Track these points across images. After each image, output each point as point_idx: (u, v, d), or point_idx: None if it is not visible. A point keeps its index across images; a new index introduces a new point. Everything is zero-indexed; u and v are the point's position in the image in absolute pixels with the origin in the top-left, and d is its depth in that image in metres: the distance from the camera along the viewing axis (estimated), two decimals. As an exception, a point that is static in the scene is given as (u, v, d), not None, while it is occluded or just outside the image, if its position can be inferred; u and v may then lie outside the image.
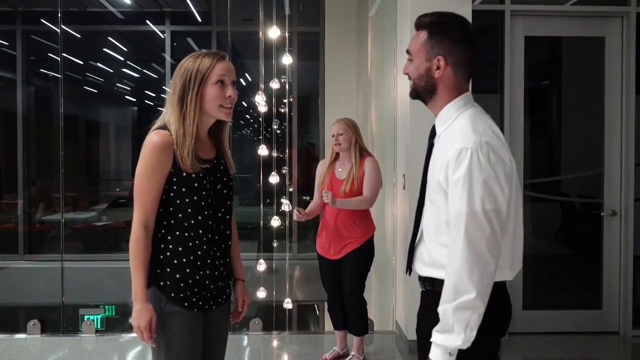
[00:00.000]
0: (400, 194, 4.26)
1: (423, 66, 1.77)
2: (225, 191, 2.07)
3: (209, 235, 1.99)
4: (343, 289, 3.70)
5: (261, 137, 6.07)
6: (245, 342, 4.40)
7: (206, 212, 1.98)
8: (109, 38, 8.76)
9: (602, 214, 4.44)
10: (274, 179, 5.35)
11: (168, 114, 2.01)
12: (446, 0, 3.81)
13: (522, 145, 4.35)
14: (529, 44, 4.38)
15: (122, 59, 9.32)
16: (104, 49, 8.99)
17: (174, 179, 1.95)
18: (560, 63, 4.87)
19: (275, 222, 5.56)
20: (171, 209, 1.97)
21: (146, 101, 10.51)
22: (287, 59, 5.28)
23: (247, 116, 10.24)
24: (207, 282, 1.98)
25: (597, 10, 4.41)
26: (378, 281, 5.40)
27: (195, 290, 1.96)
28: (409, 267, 1.94)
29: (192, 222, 1.97)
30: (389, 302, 4.73)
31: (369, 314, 3.87)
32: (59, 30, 5.49)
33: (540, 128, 4.80)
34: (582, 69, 4.77)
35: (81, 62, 9.00)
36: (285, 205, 5.49)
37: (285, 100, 6.46)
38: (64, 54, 8.49)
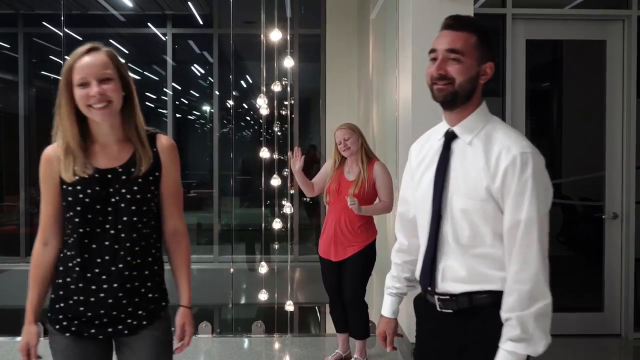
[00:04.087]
0: (402, 197, 4.26)
1: (474, 69, 1.71)
2: (123, 205, 1.81)
3: (86, 256, 1.79)
4: (344, 292, 3.70)
5: (262, 139, 6.08)
6: (248, 345, 4.40)
7: (82, 230, 1.79)
8: (111, 40, 8.76)
9: (603, 216, 4.44)
10: (275, 181, 5.36)
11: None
12: (448, 3, 3.87)
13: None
14: (530, 47, 4.39)
15: (123, 61, 9.32)
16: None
17: (61, 193, 1.83)
18: (561, 66, 4.89)
19: (277, 224, 5.58)
20: (65, 224, 1.85)
21: (147, 103, 10.52)
22: (288, 62, 5.29)
23: (248, 118, 10.24)
24: (81, 308, 1.79)
25: (598, 14, 4.42)
26: (379, 285, 5.40)
27: (69, 315, 1.81)
28: (431, 285, 1.79)
29: (71, 240, 1.81)
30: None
31: (370, 317, 3.88)
32: (61, 34, 5.51)
33: (541, 131, 4.81)
34: (583, 72, 4.78)
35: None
36: (287, 208, 5.51)
37: (287, 103, 6.47)
38: (66, 57, 8.51)
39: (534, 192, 1.58)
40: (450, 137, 1.77)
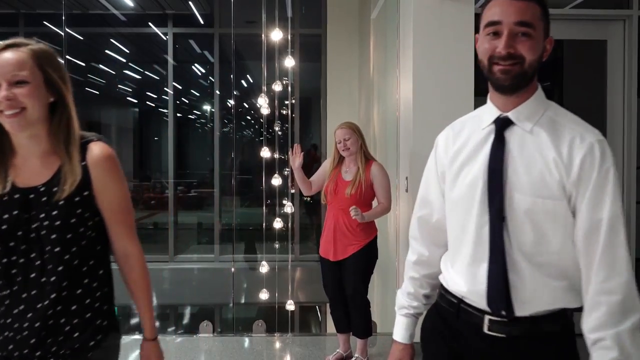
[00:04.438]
0: (403, 196, 4.27)
1: (541, 45, 1.43)
2: (44, 232, 1.52)
3: (15, 289, 1.53)
4: (346, 291, 3.71)
5: (263, 138, 6.08)
6: (248, 344, 4.41)
7: (5, 260, 1.53)
8: (112, 40, 8.79)
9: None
10: (276, 180, 5.37)
11: None
12: (449, 3, 3.87)
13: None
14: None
15: (124, 60, 9.35)
16: (106, 51, 9.02)
17: None
18: (561, 66, 4.89)
19: (278, 223, 5.60)
20: None
21: (148, 102, 10.55)
22: (289, 62, 5.30)
23: (249, 117, 10.26)
24: (9, 346, 1.53)
25: (599, 14, 4.42)
26: (380, 284, 5.41)
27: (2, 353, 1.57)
28: (508, 309, 1.44)
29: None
30: (392, 304, 4.74)
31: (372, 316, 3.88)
32: (63, 33, 5.52)
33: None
34: (584, 72, 4.78)
35: (83, 64, 9.04)
36: (288, 207, 5.51)
37: (287, 102, 6.49)
38: (68, 57, 8.53)
39: (616, 185, 1.35)
40: (503, 124, 1.48)
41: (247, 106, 9.81)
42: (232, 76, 7.17)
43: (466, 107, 3.91)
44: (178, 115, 8.84)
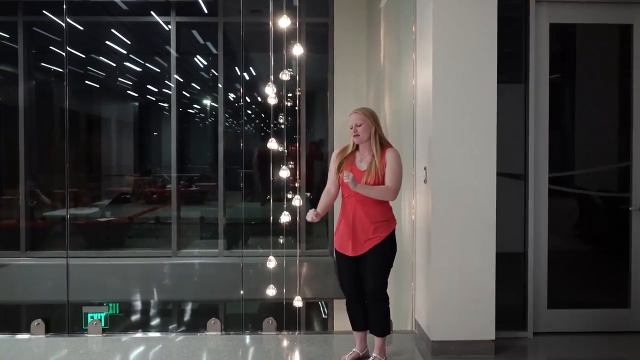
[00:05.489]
0: (421, 187, 4.08)
1: None
2: None
3: None
4: (365, 288, 3.51)
5: (270, 130, 5.91)
6: (257, 342, 4.23)
7: None
8: (112, 30, 8.60)
9: (630, 208, 4.26)
10: (284, 173, 5.17)
11: None
12: (470, -16, 3.70)
13: (546, 137, 4.17)
14: (554, 32, 4.20)
15: (125, 52, 9.18)
16: (107, 42, 8.85)
17: None
18: (573, 55, 4.68)
19: (285, 217, 5.38)
20: None
21: (148, 96, 10.39)
22: (297, 49, 5.10)
23: (249, 112, 10.11)
24: None
25: (623, -5, 4.23)
26: (394, 277, 5.21)
27: None
28: None
29: None
30: (407, 299, 4.56)
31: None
32: (63, 23, 5.33)
33: (562, 119, 4.63)
34: (602, 62, 4.59)
35: (83, 56, 8.87)
36: (296, 201, 5.32)
37: (292, 94, 6.31)
38: (68, 48, 8.36)
39: None
40: None
41: (249, 100, 9.65)
42: (241, 59, 6.99)
43: (489, 93, 3.73)
44: (180, 109, 8.72)
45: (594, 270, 4.52)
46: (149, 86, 10.27)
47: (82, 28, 8.09)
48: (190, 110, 10.04)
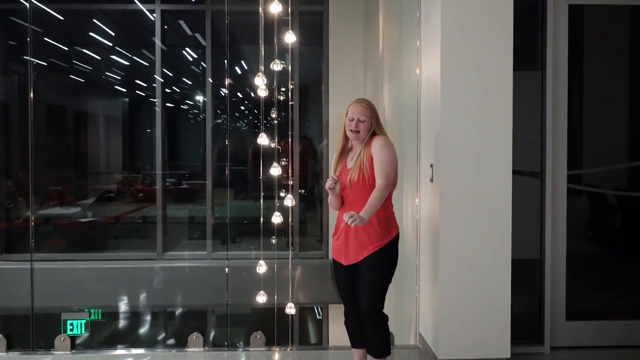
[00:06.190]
0: (426, 186, 3.71)
1: None
2: None
3: None
4: (358, 300, 3.12)
5: (261, 125, 5.61)
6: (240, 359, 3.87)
7: None
8: (95, 20, 8.23)
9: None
10: (275, 170, 4.83)
11: None
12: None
13: (564, 130, 3.80)
14: (573, 15, 3.83)
15: (110, 44, 8.84)
16: (90, 34, 8.49)
17: None
18: (581, 38, 4.32)
19: (277, 218, 5.03)
20: None
21: (137, 92, 10.07)
22: (290, 37, 4.73)
23: (242, 107, 9.82)
24: None
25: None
26: (396, 286, 4.85)
27: None
28: None
29: None
30: (410, 310, 4.19)
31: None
32: (27, 4, 4.95)
33: (577, 112, 4.28)
34: (615, 46, 4.24)
35: (66, 48, 8.51)
36: (288, 200, 4.98)
37: (286, 87, 5.97)
38: (48, 39, 7.97)
39: None
40: None
41: (240, 96, 9.33)
42: (225, 43, 6.62)
43: (504, 83, 3.36)
44: (168, 105, 8.41)
45: (617, 277, 4.16)
46: (137, 81, 9.95)
47: (62, 18, 7.70)
48: (183, 106, 9.75)
